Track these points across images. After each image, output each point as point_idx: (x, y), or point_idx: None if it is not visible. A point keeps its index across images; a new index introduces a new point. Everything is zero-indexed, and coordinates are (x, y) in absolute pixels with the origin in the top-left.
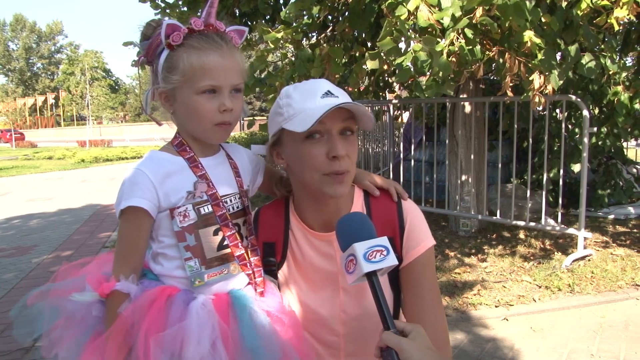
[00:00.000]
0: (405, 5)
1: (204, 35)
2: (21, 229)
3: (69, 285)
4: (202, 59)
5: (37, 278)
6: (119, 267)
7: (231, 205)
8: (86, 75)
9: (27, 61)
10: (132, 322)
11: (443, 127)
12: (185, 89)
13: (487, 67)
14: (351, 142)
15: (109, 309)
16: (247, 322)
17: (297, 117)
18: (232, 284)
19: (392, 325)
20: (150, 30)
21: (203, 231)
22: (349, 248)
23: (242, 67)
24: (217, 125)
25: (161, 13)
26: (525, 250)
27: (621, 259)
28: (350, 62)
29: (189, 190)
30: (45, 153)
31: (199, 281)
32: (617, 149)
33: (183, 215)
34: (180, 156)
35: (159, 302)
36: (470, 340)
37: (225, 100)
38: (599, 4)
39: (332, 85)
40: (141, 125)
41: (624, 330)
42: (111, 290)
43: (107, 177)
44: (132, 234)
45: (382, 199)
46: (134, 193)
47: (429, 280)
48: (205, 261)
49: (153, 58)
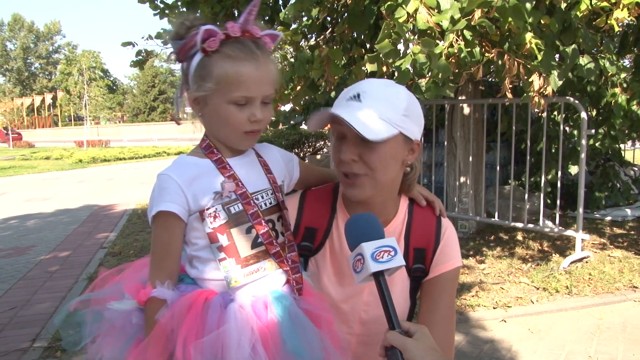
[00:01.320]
0: (404, 8)
1: (240, 42)
2: (18, 229)
3: (108, 293)
4: (237, 70)
5: (34, 278)
6: (155, 273)
7: (263, 201)
8: (84, 75)
9: (25, 61)
10: (171, 329)
11: (441, 128)
12: (217, 97)
13: (486, 69)
14: (369, 147)
15: (147, 316)
16: (287, 323)
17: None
18: (270, 283)
19: (397, 325)
20: (184, 29)
21: (235, 230)
22: (357, 247)
23: (275, 76)
24: (245, 133)
25: (160, 14)
26: (523, 252)
27: (619, 260)
28: (349, 64)
29: (216, 191)
30: (43, 153)
31: (235, 281)
32: (615, 151)
33: (213, 216)
34: (208, 158)
35: (196, 306)
36: (468, 341)
37: (256, 110)
38: (599, 5)
39: (371, 86)
40: (139, 126)
41: (622, 332)
42: (148, 297)
43: (105, 177)
44: (164, 239)
45: (425, 210)
46: (163, 198)
47: (448, 297)
48: (240, 260)
49: (185, 58)
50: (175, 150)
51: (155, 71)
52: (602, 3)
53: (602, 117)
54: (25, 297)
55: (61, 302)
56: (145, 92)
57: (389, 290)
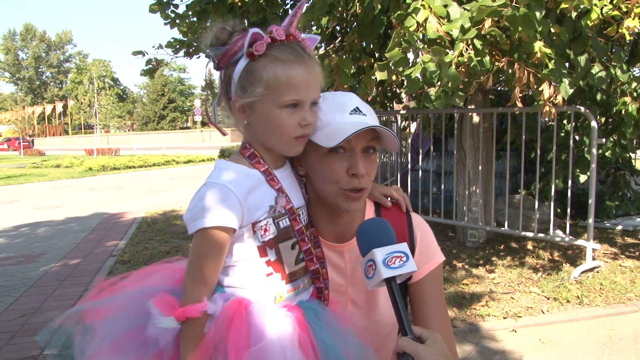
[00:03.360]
0: (414, 17)
1: (286, 45)
2: (29, 236)
3: (106, 304)
4: (288, 73)
5: (44, 286)
6: (197, 288)
7: (303, 217)
8: (94, 84)
9: (37, 70)
10: (217, 341)
11: (451, 137)
12: (267, 102)
13: (495, 78)
14: (372, 160)
15: (190, 331)
16: (324, 332)
17: (324, 130)
18: (301, 297)
19: (410, 331)
20: (226, 35)
21: (283, 245)
22: (368, 253)
23: (321, 79)
24: (296, 138)
25: (170, 23)
26: (534, 262)
27: (630, 270)
28: (358, 73)
29: (271, 205)
30: (53, 161)
31: (280, 296)
32: (625, 160)
33: (264, 230)
34: (255, 169)
35: (238, 316)
36: (478, 352)
37: (307, 114)
38: (610, 14)
39: (360, 101)
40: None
41: (634, 343)
42: (200, 314)
43: (115, 185)
44: (213, 255)
45: (392, 210)
46: (220, 211)
47: (437, 295)
48: (285, 276)
49: (227, 65)
50: (184, 159)
51: (165, 80)
52: (613, 12)
53: (612, 126)
54: (36, 305)
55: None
56: (155, 100)
57: (401, 296)
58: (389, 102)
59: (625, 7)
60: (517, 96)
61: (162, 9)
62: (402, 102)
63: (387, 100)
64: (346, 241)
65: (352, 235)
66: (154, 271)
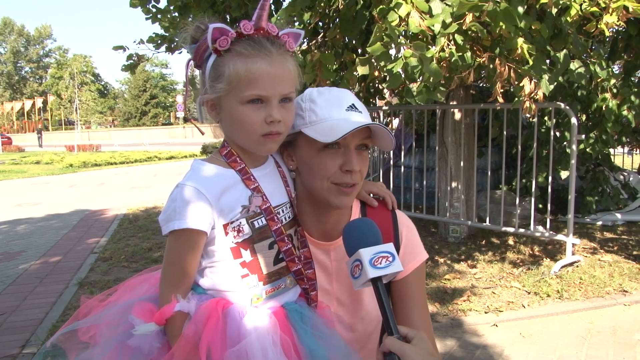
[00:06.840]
0: (396, 11)
1: (253, 40)
2: (8, 234)
3: (96, 321)
4: (248, 67)
5: (24, 284)
6: (172, 289)
7: (284, 215)
8: (75, 79)
9: (15, 65)
10: (195, 340)
11: (433, 133)
12: (231, 98)
13: (477, 74)
14: (365, 157)
15: (174, 332)
16: (309, 335)
17: (320, 124)
18: (286, 298)
19: (396, 331)
20: (199, 33)
21: (259, 245)
22: (355, 253)
23: (294, 75)
24: (264, 136)
25: (152, 18)
26: (515, 257)
27: (609, 265)
28: (341, 68)
29: (244, 205)
30: (33, 157)
31: (257, 298)
32: (605, 156)
33: (237, 231)
34: (231, 168)
35: (214, 315)
36: (460, 346)
37: (273, 111)
38: (589, 10)
39: (355, 98)
40: (130, 130)
41: (612, 336)
42: (173, 312)
43: (96, 182)
44: (186, 256)
45: (378, 208)
46: (189, 213)
47: (420, 292)
48: (262, 277)
49: (201, 62)
50: (166, 155)
51: (146, 75)
52: (592, 8)
53: (592, 122)
54: (15, 303)
55: (51, 307)
56: (137, 96)
57: (387, 296)
58: (372, 99)
59: (603, 2)
60: (498, 92)
61: (143, 4)
62: (384, 98)
63: (369, 97)
64: (333, 239)
65: (338, 234)
66: (139, 282)
